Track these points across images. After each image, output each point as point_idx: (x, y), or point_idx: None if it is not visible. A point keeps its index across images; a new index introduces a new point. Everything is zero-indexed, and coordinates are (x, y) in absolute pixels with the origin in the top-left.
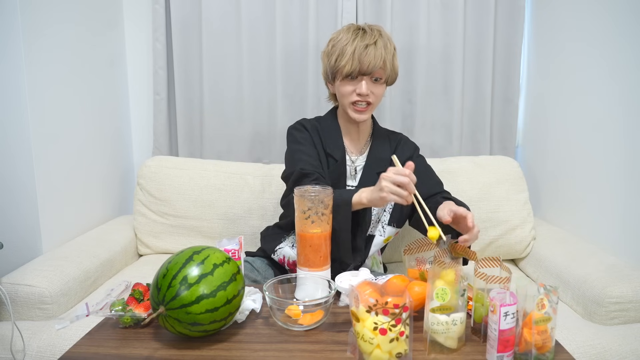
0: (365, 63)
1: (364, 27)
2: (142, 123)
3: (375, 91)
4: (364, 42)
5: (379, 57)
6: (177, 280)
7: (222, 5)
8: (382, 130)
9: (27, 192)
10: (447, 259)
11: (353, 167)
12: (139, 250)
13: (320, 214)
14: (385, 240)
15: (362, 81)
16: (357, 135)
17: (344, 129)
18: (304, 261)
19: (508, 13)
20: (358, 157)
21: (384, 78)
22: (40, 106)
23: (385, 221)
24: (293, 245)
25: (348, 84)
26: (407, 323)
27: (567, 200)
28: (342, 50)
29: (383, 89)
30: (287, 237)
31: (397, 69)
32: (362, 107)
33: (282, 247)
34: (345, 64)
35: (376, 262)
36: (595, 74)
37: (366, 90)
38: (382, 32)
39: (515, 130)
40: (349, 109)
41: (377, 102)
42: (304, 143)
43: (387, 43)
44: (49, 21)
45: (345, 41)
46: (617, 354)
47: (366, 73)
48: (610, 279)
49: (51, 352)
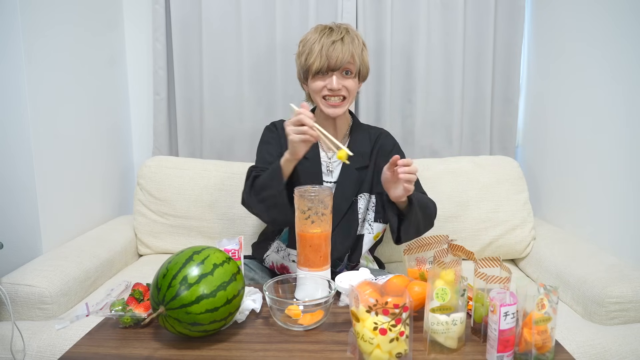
0: (333, 58)
1: (331, 26)
2: (142, 123)
3: (347, 85)
4: (331, 39)
5: (347, 52)
6: (177, 280)
7: (222, 5)
8: (361, 125)
9: (27, 192)
10: (447, 259)
11: (330, 163)
12: (139, 250)
13: (320, 214)
14: (375, 237)
15: (332, 76)
16: (334, 132)
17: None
18: (304, 261)
19: (508, 13)
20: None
21: (354, 72)
22: (40, 106)
23: (370, 219)
24: (278, 250)
25: (319, 80)
26: (407, 323)
27: (567, 200)
28: (311, 49)
29: (355, 83)
30: (272, 243)
31: (367, 63)
32: (336, 101)
33: (269, 254)
34: (314, 61)
35: (369, 259)
36: (595, 74)
37: (337, 85)
38: (349, 29)
39: (515, 130)
40: (322, 104)
41: (351, 97)
42: (270, 142)
43: (355, 38)
44: (49, 21)
45: (313, 40)
46: (617, 354)
47: (335, 68)
48: (610, 279)
49: (51, 352)
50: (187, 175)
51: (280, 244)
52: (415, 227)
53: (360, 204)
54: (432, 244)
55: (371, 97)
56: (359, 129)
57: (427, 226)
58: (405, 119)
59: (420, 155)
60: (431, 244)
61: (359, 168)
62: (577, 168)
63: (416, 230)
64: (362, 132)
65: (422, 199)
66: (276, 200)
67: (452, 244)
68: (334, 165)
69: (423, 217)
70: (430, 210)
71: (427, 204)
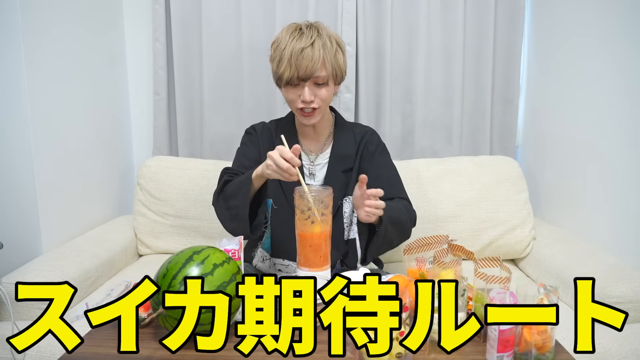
0: (302, 67)
1: (302, 27)
2: (142, 123)
3: (320, 94)
4: (300, 45)
5: (317, 59)
6: (177, 280)
7: (222, 5)
8: (345, 125)
9: (27, 192)
10: (447, 259)
11: (312, 166)
12: (139, 250)
13: (320, 214)
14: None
15: (304, 87)
16: (315, 135)
17: (300, 129)
18: (304, 261)
19: (508, 13)
20: (318, 156)
21: (326, 79)
22: (40, 106)
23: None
24: (263, 259)
25: (291, 91)
26: (407, 323)
27: (567, 200)
28: (281, 55)
29: (329, 91)
30: (255, 250)
31: (343, 65)
32: (310, 111)
33: (256, 263)
34: (284, 71)
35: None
36: (595, 74)
37: (309, 97)
38: (321, 30)
39: (515, 130)
40: (298, 114)
41: (325, 104)
42: (247, 144)
43: (327, 41)
44: (49, 21)
45: (283, 44)
46: (617, 354)
47: (305, 78)
48: (610, 279)
49: (51, 352)
50: (187, 175)
51: (264, 253)
52: (387, 243)
53: (345, 207)
54: (432, 244)
55: (371, 97)
56: (342, 129)
57: (401, 239)
58: (405, 119)
59: (420, 155)
60: (431, 244)
61: (345, 170)
62: (577, 168)
63: (389, 245)
64: (346, 131)
65: (394, 214)
66: (238, 211)
67: (452, 244)
68: (317, 168)
69: (396, 234)
70: (405, 225)
71: (400, 218)
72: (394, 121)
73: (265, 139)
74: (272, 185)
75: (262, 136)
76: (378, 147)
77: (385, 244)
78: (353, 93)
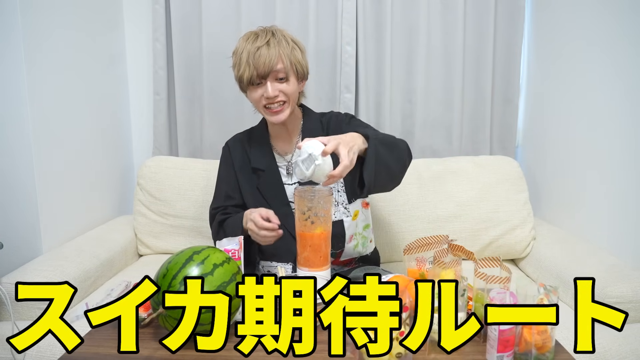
0: (260, 65)
1: (257, 32)
2: (142, 123)
3: (283, 89)
4: (255, 45)
5: (274, 55)
6: (177, 280)
7: (222, 6)
8: (312, 116)
9: (27, 192)
10: (447, 259)
11: (290, 165)
12: (139, 250)
13: (320, 215)
14: (353, 217)
15: (266, 84)
16: (288, 135)
17: (273, 133)
18: (304, 261)
19: (508, 13)
20: (294, 154)
21: (286, 74)
22: (40, 106)
23: (344, 202)
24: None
25: (254, 90)
26: (407, 323)
27: (567, 200)
28: (239, 59)
29: (293, 86)
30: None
31: (303, 61)
32: (276, 107)
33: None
34: (243, 71)
35: (365, 240)
36: (595, 74)
37: (272, 92)
38: (275, 31)
39: (515, 130)
40: (265, 113)
41: (293, 99)
42: (223, 165)
43: (282, 40)
44: (49, 22)
45: (240, 49)
46: (617, 354)
47: (264, 75)
48: (610, 279)
49: (51, 352)
50: (187, 175)
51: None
52: (384, 166)
53: None
54: (432, 244)
55: (371, 97)
56: (310, 120)
57: (398, 164)
58: (405, 119)
59: (420, 155)
60: (431, 244)
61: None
62: (577, 168)
63: (386, 170)
64: (314, 122)
65: (380, 135)
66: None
67: (452, 244)
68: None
69: (390, 155)
70: (397, 145)
71: (388, 139)
72: (394, 121)
73: (238, 153)
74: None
75: (234, 151)
76: (345, 117)
77: (381, 167)
78: (353, 93)
